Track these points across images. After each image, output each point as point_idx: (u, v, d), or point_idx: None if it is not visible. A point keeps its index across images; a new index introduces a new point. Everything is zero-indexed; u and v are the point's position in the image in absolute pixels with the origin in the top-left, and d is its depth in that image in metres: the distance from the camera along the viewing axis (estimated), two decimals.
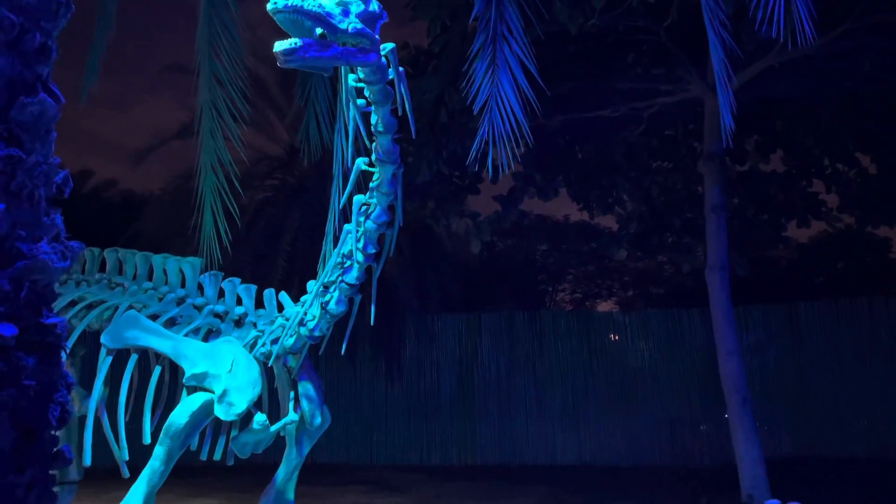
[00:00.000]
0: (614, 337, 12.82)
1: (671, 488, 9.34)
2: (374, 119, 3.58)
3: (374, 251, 3.88)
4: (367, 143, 3.71)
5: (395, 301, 11.76)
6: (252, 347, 4.24)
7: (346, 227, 3.90)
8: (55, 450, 1.54)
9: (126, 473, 4.19)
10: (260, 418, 4.11)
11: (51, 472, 1.53)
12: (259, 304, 4.49)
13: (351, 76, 3.48)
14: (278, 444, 4.53)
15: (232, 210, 5.18)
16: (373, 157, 3.68)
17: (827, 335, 11.71)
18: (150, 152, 13.36)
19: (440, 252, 13.01)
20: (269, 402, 4.45)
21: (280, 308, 4.40)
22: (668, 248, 10.65)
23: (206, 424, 4.15)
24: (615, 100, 8.64)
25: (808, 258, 15.28)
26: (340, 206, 3.98)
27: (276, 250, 11.60)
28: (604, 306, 17.32)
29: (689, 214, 10.13)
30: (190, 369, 4.05)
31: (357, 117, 3.61)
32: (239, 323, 4.41)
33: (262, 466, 5.10)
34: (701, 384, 11.72)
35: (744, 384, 7.59)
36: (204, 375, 4.02)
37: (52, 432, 1.52)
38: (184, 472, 4.08)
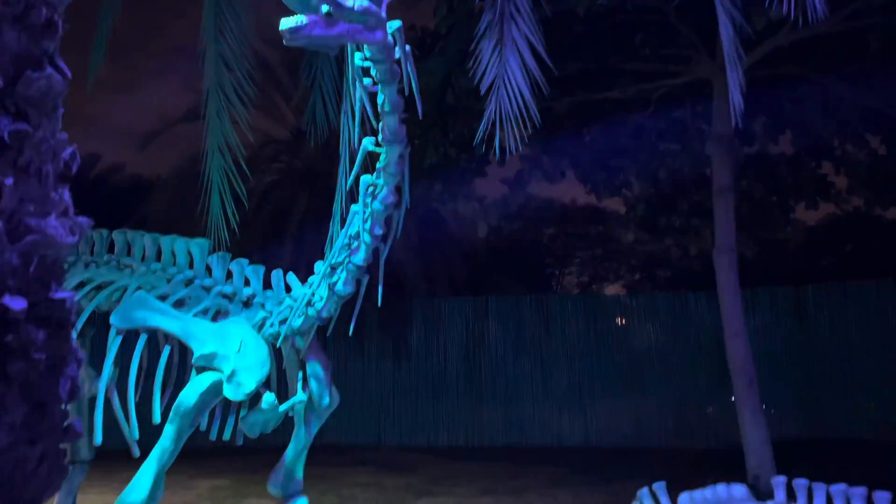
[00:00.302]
0: (621, 320, 12.83)
1: (677, 470, 9.37)
2: (380, 99, 3.55)
3: (381, 232, 3.87)
4: (373, 123, 3.69)
5: (403, 284, 11.79)
6: (260, 328, 4.25)
7: (353, 207, 3.89)
8: (66, 424, 1.55)
9: (136, 453, 4.23)
10: (269, 398, 4.13)
11: (62, 445, 1.55)
12: (267, 285, 4.50)
13: (357, 55, 3.46)
14: (286, 425, 4.56)
15: (239, 192, 5.19)
16: (379, 137, 3.67)
17: (834, 317, 11.69)
18: (157, 136, 13.40)
19: (447, 235, 13.01)
20: (278, 383, 4.48)
21: (288, 289, 4.40)
22: (676, 230, 10.62)
23: (216, 404, 4.18)
24: (623, 81, 8.58)
25: (816, 240, 15.20)
26: (347, 187, 3.98)
27: (283, 234, 11.64)
28: (611, 289, 17.31)
29: (697, 197, 10.09)
30: (199, 349, 4.08)
31: (363, 97, 3.59)
32: (247, 304, 4.42)
33: (271, 448, 5.15)
34: (707, 366, 11.73)
35: (750, 366, 7.59)
36: (213, 356, 4.04)
37: (63, 406, 1.54)
38: (193, 453, 4.13)
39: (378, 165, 3.76)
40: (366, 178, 3.79)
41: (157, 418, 4.13)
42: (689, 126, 9.88)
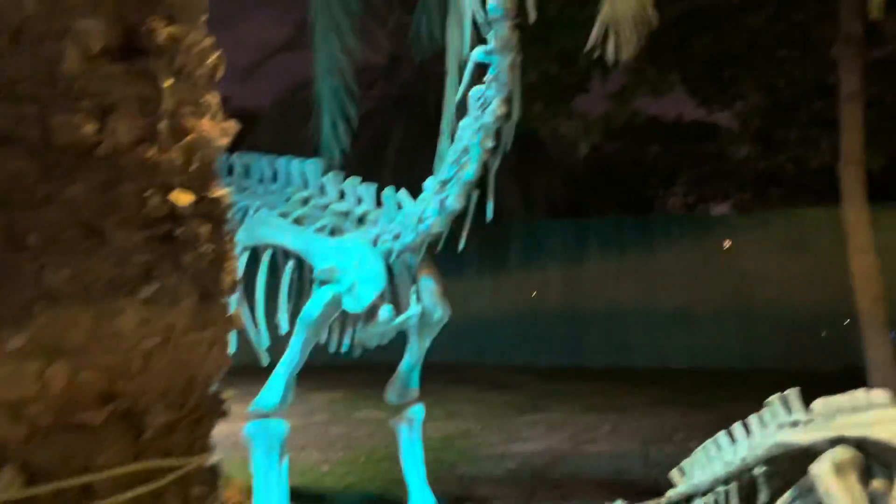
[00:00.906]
0: (730, 240, 12.34)
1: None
2: (490, 6, 3.47)
3: (491, 146, 3.84)
4: (482, 32, 3.61)
5: (501, 205, 11.74)
6: (374, 244, 4.38)
7: (463, 122, 3.88)
8: (228, 314, 1.68)
9: (266, 361, 4.54)
10: (385, 311, 4.29)
11: (227, 334, 1.67)
12: (379, 203, 4.59)
13: None
14: (399, 340, 4.74)
15: (348, 112, 5.26)
16: (489, 46, 3.59)
17: None
18: (258, 68, 13.70)
19: (546, 155, 12.78)
20: (392, 297, 4.62)
21: (399, 207, 4.49)
22: (793, 143, 9.97)
23: (336, 316, 4.39)
24: None
25: None
26: (457, 100, 3.95)
27: (381, 161, 11.77)
28: (719, 209, 16.60)
29: (818, 106, 9.39)
30: (319, 264, 4.27)
31: (472, 4, 3.52)
32: (361, 221, 4.55)
33: (383, 364, 5.39)
34: (823, 286, 11.15)
35: (876, 282, 7.17)
36: (333, 270, 4.22)
37: (225, 298, 1.65)
38: (310, 368, 4.38)
39: (487, 76, 3.70)
40: (476, 90, 3.75)
41: (283, 328, 4.40)
42: (812, 29, 9.10)
